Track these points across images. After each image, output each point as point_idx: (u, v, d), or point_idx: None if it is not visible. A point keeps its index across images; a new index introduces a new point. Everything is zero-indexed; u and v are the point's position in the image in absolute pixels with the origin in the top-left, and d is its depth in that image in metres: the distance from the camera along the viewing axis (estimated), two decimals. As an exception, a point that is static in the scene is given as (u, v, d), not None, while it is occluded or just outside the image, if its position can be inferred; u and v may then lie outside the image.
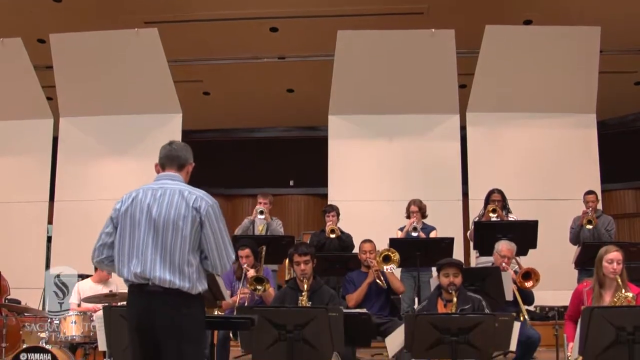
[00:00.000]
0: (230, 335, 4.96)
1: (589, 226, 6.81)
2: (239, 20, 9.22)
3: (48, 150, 9.10)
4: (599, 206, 7.27)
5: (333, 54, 8.60)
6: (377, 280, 5.43)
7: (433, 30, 8.39)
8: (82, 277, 6.34)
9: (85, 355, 5.27)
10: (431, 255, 5.84)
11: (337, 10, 8.97)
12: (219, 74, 10.73)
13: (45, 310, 6.71)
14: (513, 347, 4.10)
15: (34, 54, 8.86)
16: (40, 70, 9.04)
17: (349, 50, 8.50)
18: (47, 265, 8.79)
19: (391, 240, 6.11)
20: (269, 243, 6.24)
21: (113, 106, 8.97)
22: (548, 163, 8.60)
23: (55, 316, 5.38)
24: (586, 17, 8.55)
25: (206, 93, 11.66)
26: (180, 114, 9.00)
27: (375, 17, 9.04)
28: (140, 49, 8.58)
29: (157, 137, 8.07)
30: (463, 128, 8.88)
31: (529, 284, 5.17)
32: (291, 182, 13.17)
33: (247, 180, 12.80)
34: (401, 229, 6.82)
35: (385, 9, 8.96)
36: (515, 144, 8.72)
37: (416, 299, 6.38)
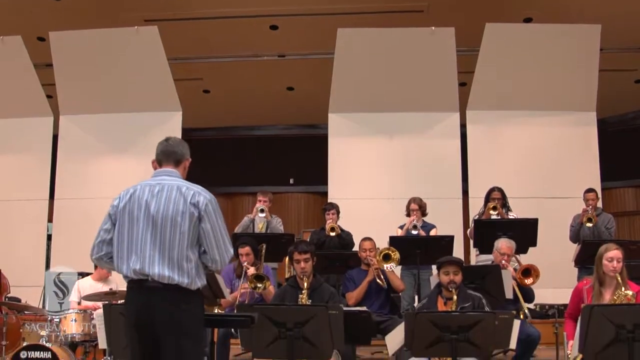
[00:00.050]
0: (232, 331, 4.96)
1: (589, 224, 6.82)
2: (239, 18, 9.21)
3: (48, 148, 9.11)
4: (599, 204, 7.27)
5: (333, 51, 8.60)
6: (377, 280, 5.43)
7: (433, 28, 8.40)
8: (82, 275, 6.36)
9: (86, 353, 5.28)
10: (431, 253, 5.85)
11: (337, 8, 8.95)
12: (219, 72, 10.71)
13: (45, 310, 6.72)
14: (513, 345, 4.09)
15: (34, 52, 8.86)
16: (40, 68, 9.04)
17: (349, 48, 8.49)
18: (47, 264, 8.81)
19: (391, 238, 6.11)
20: (269, 241, 6.23)
21: (113, 104, 8.97)
22: (548, 161, 8.60)
23: (56, 315, 5.39)
24: (586, 15, 8.54)
25: (206, 91, 11.64)
26: (180, 112, 9.01)
27: (376, 15, 9.03)
28: (140, 47, 8.58)
29: (157, 135, 7.88)
30: (463, 126, 8.88)
31: (528, 280, 5.18)
32: (291, 180, 13.15)
33: (247, 178, 12.78)
34: (401, 227, 6.84)
35: (385, 6, 8.95)
36: (515, 142, 8.73)
37: (416, 297, 6.39)
